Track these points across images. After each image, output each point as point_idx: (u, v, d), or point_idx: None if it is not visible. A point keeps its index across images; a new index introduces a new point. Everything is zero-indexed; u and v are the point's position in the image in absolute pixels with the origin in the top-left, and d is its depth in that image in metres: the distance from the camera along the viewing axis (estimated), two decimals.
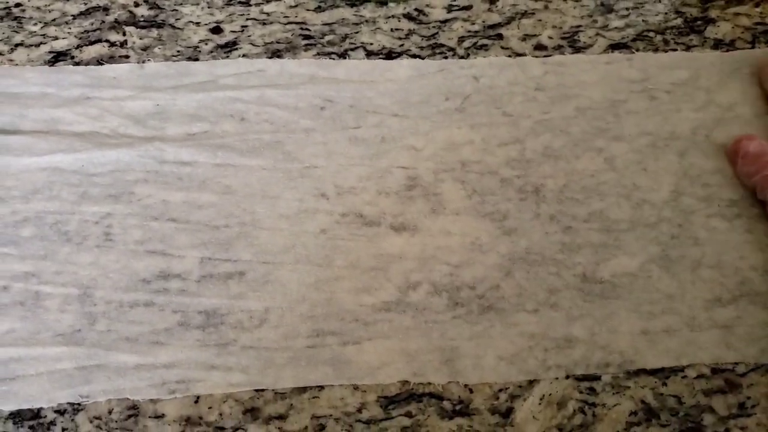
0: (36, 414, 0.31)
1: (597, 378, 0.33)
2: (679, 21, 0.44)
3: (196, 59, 0.40)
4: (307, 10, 0.43)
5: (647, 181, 0.39)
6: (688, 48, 0.43)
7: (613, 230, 0.37)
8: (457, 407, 0.32)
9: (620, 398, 0.33)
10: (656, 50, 0.43)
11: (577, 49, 0.43)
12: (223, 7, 0.42)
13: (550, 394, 0.33)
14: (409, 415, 0.32)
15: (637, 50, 0.43)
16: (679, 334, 0.34)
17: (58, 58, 0.40)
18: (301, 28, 0.42)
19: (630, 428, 0.33)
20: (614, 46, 0.43)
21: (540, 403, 0.33)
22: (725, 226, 0.37)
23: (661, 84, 0.42)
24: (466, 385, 0.33)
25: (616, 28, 0.44)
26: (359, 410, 0.32)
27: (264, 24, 0.42)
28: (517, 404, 0.33)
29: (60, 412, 0.31)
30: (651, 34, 0.44)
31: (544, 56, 0.42)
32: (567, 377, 0.33)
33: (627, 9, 0.44)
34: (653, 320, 0.35)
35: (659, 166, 0.39)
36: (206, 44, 0.41)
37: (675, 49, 0.43)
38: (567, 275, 0.36)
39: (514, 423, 0.32)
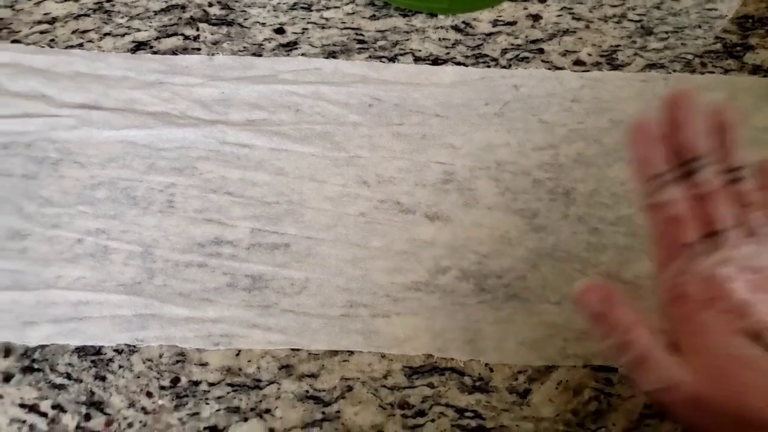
0: (98, 351, 0.35)
1: (614, 370, 0.35)
2: (718, 46, 0.46)
3: (260, 55, 0.44)
4: (363, 17, 0.46)
5: None
6: (725, 72, 0.45)
7: (639, 235, 0.39)
8: (477, 383, 0.34)
9: (636, 391, 0.34)
10: (693, 72, 0.45)
11: (615, 67, 0.45)
12: (287, 11, 0.47)
13: (567, 381, 0.35)
14: (431, 385, 0.34)
15: (674, 71, 0.45)
16: None
17: (139, 47, 0.45)
18: (356, 34, 0.46)
19: (643, 420, 0.34)
20: (651, 66, 0.45)
21: (557, 388, 0.35)
22: None
23: (697, 104, 0.44)
24: (486, 364, 0.35)
25: (654, 49, 0.46)
26: (385, 377, 0.34)
27: (323, 28, 0.46)
28: (534, 387, 0.35)
29: (118, 351, 0.35)
30: (689, 56, 0.46)
31: (583, 71, 0.45)
32: (585, 366, 0.35)
33: (666, 32, 0.47)
34: None
35: None
36: (269, 42, 0.45)
37: (712, 72, 0.45)
38: (591, 272, 0.38)
39: (530, 403, 0.34)
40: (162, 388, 0.34)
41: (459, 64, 0.44)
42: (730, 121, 0.29)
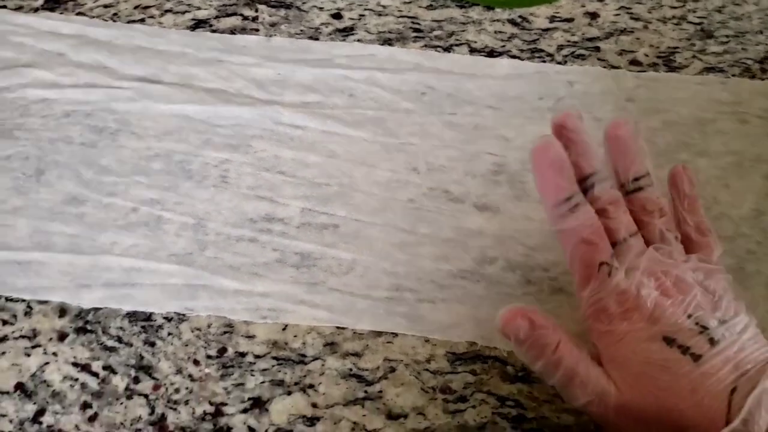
0: (148, 317, 0.35)
1: None
2: None
3: (317, 39, 0.45)
4: (420, 6, 0.47)
5: (728, 197, 0.40)
6: None
7: None
8: (520, 373, 0.34)
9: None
10: (752, 77, 0.44)
11: (672, 69, 0.45)
12: None
13: None
14: (473, 372, 0.34)
15: (733, 75, 0.44)
16: None
17: (198, 25, 0.46)
18: (413, 22, 0.46)
19: None
20: (709, 70, 0.45)
21: None
22: None
23: (754, 109, 0.43)
24: None
25: (713, 52, 0.45)
26: (428, 360, 0.35)
27: (379, 15, 0.46)
28: None
29: (168, 318, 0.35)
30: (749, 61, 0.45)
31: (639, 71, 0.44)
32: None
33: (727, 36, 0.46)
34: None
35: (742, 185, 0.40)
36: (326, 27, 0.46)
37: None
38: None
39: None
40: (209, 357, 0.34)
41: (514, 57, 0.44)
42: (627, 134, 0.31)
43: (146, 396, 0.33)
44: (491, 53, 0.45)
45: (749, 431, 0.23)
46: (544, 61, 0.45)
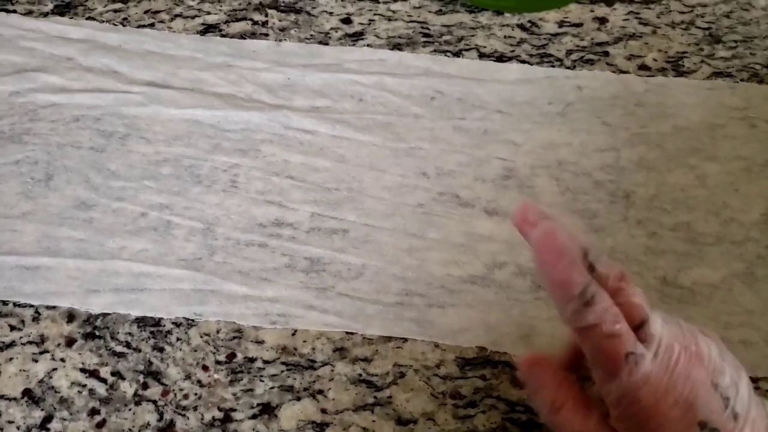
0: (157, 322, 0.35)
1: None
2: None
3: (326, 44, 0.45)
4: (429, 11, 0.47)
5: (738, 201, 0.40)
6: None
7: (698, 242, 0.38)
8: None
9: None
10: (761, 82, 0.44)
11: (681, 74, 0.45)
12: (354, 2, 0.47)
13: None
14: (483, 377, 0.34)
15: (742, 80, 0.44)
16: (755, 347, 0.35)
17: (208, 29, 0.46)
18: (422, 27, 0.46)
19: None
20: (718, 74, 0.45)
21: None
22: None
23: (763, 114, 0.43)
24: None
25: (722, 57, 0.45)
26: (437, 366, 0.34)
27: (389, 20, 0.46)
28: (587, 385, 0.34)
29: (176, 324, 0.35)
30: (757, 66, 0.45)
31: (648, 76, 0.44)
32: None
33: (735, 41, 0.46)
34: (730, 330, 0.36)
35: (752, 189, 0.40)
36: (336, 32, 0.46)
37: None
38: (648, 276, 0.37)
39: None
40: (218, 362, 0.34)
41: (523, 62, 0.44)
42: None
43: (155, 402, 0.33)
44: (500, 58, 0.45)
45: None
46: (553, 66, 0.44)
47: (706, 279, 0.37)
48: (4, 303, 0.36)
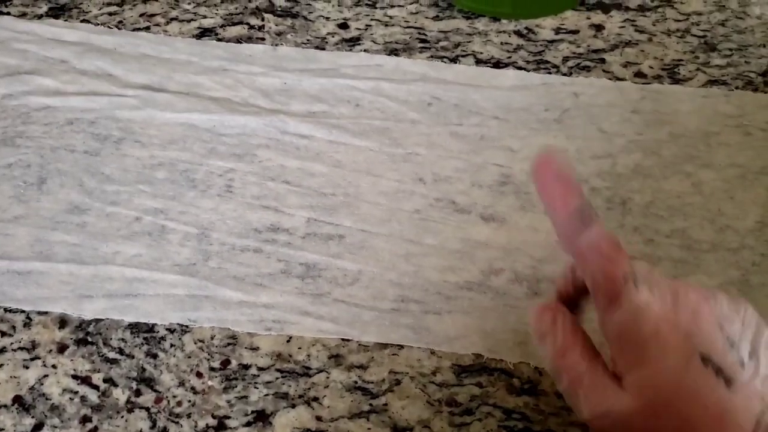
0: (150, 328, 0.35)
1: None
2: None
3: (323, 49, 0.45)
4: (426, 17, 0.47)
5: (733, 209, 0.40)
6: None
7: (694, 249, 0.38)
8: (526, 386, 0.34)
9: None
10: (755, 90, 0.44)
11: (676, 81, 0.45)
12: (351, 7, 0.47)
13: None
14: (479, 385, 0.34)
15: (737, 88, 0.44)
16: None
17: (204, 33, 0.45)
18: (419, 33, 0.46)
19: None
20: (713, 82, 0.45)
21: None
22: None
23: (758, 122, 0.43)
24: (536, 367, 0.34)
25: (717, 65, 0.45)
26: (434, 373, 0.34)
27: (386, 25, 0.46)
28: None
29: (170, 330, 0.35)
30: (752, 75, 0.45)
31: (644, 83, 0.44)
32: None
33: (730, 49, 0.46)
34: None
35: (747, 197, 0.40)
36: (333, 37, 0.46)
37: None
38: None
39: None
40: (212, 369, 0.34)
41: (520, 68, 0.44)
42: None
43: (148, 409, 0.33)
44: (497, 64, 0.45)
45: None
46: (550, 73, 0.44)
47: (701, 286, 0.37)
48: None
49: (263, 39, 0.45)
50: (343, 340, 0.35)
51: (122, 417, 0.33)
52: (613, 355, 0.25)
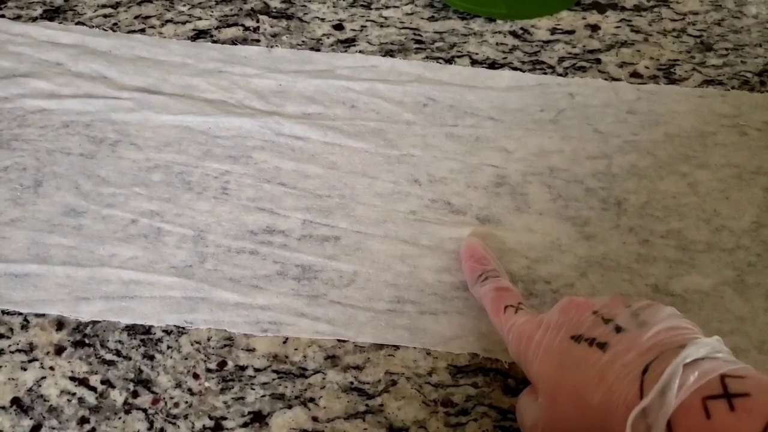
0: (147, 330, 0.35)
1: None
2: None
3: (318, 50, 0.45)
4: (421, 18, 0.47)
5: (729, 209, 0.40)
6: None
7: (689, 249, 0.38)
8: (521, 386, 0.34)
9: None
10: (752, 90, 0.44)
11: (672, 81, 0.45)
12: (346, 8, 0.47)
13: None
14: (475, 385, 0.34)
15: (733, 88, 0.44)
16: (747, 354, 0.35)
17: (199, 35, 0.45)
18: (414, 34, 0.46)
19: None
20: (709, 82, 0.45)
21: None
22: None
23: (753, 122, 0.43)
24: None
25: (713, 65, 0.45)
26: (429, 373, 0.34)
27: (381, 26, 0.46)
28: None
29: (167, 332, 0.35)
30: (748, 74, 0.45)
31: (639, 83, 0.44)
32: None
33: (726, 49, 0.46)
34: (721, 337, 0.35)
35: (742, 197, 0.40)
36: (328, 38, 0.46)
37: None
38: (639, 283, 0.37)
39: None
40: (209, 370, 0.34)
41: (515, 69, 0.44)
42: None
43: (145, 410, 0.33)
44: (493, 65, 0.45)
45: (662, 405, 0.22)
46: (545, 73, 0.45)
47: (697, 286, 0.37)
48: None
49: (258, 41, 0.45)
50: (339, 341, 0.35)
51: (120, 418, 0.33)
52: (529, 379, 0.30)
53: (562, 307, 0.29)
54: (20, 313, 0.35)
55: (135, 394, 0.33)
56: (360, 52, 0.45)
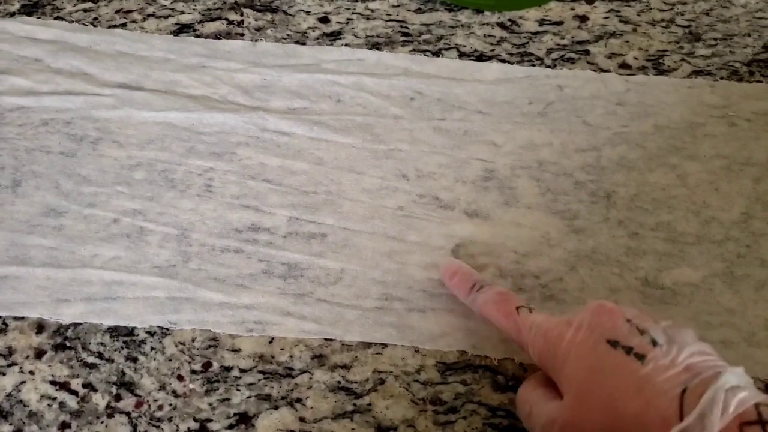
0: (130, 332, 0.34)
1: None
2: (767, 55, 0.45)
3: (303, 44, 0.44)
4: (408, 10, 0.46)
5: (718, 200, 0.39)
6: None
7: (678, 242, 0.38)
8: (510, 383, 0.34)
9: None
10: (740, 80, 0.44)
11: (661, 72, 0.44)
12: (332, 1, 0.46)
13: None
14: (464, 382, 0.34)
15: (722, 78, 0.44)
16: (736, 347, 0.35)
17: (182, 29, 0.45)
18: (401, 26, 0.45)
19: None
20: (698, 73, 0.44)
21: None
22: None
23: (742, 112, 0.43)
24: (521, 363, 0.34)
25: (702, 55, 0.45)
26: (418, 371, 0.34)
27: (367, 19, 0.45)
28: None
29: (150, 333, 0.34)
30: (737, 64, 0.45)
31: (628, 74, 0.44)
32: None
33: (715, 39, 0.46)
34: (711, 330, 0.35)
35: (732, 188, 0.40)
36: (313, 31, 0.45)
37: (760, 81, 0.44)
38: (629, 277, 0.37)
39: None
40: (193, 372, 0.33)
41: (503, 61, 0.44)
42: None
43: (128, 414, 0.32)
44: (480, 57, 0.44)
45: (704, 427, 0.23)
46: (534, 65, 0.44)
47: (686, 279, 0.37)
48: None
49: (242, 35, 0.44)
50: (326, 340, 0.34)
51: (102, 422, 0.32)
52: (552, 377, 0.29)
53: (594, 310, 0.29)
54: None
55: (118, 398, 0.33)
56: (346, 45, 0.44)
